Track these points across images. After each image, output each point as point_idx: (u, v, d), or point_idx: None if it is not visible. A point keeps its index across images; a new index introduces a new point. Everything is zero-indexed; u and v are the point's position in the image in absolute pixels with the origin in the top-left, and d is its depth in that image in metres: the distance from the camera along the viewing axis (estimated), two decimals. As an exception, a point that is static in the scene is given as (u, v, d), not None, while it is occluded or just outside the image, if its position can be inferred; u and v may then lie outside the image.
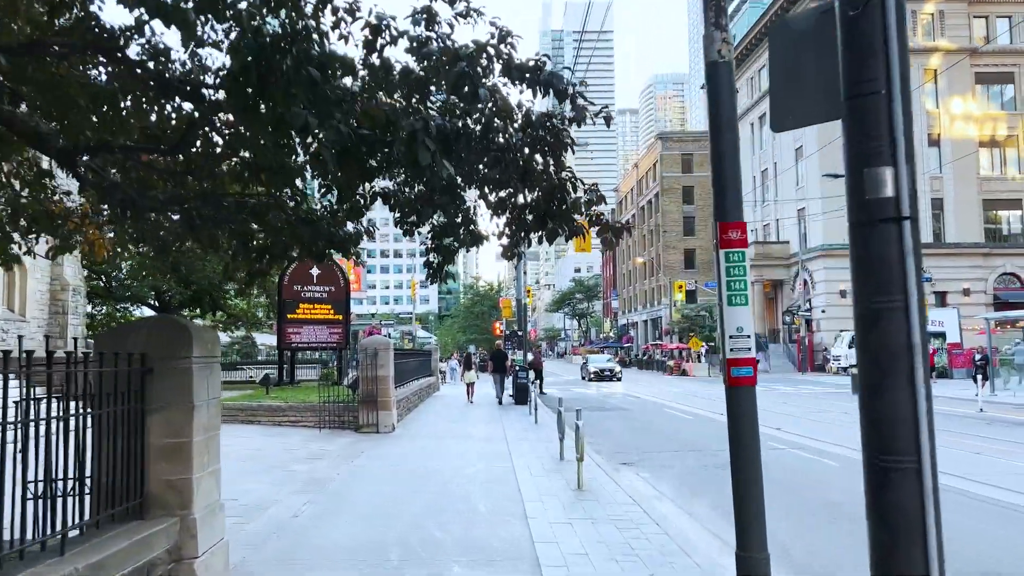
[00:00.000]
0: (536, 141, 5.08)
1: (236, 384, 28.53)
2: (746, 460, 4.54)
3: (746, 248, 4.63)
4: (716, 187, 4.66)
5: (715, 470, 11.55)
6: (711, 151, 4.77)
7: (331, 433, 15.84)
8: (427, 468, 11.22)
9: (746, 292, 4.61)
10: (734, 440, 4.59)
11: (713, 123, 4.70)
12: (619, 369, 44.16)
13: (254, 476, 10.60)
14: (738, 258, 4.60)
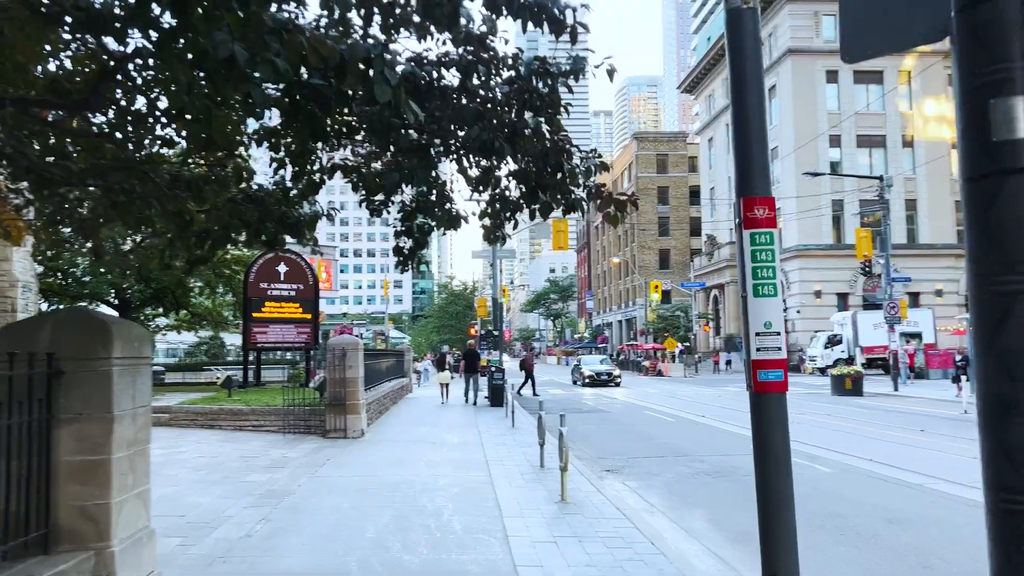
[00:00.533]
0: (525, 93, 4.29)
1: (201, 386, 27.41)
2: (776, 479, 3.81)
3: (775, 228, 3.88)
4: (739, 154, 3.91)
5: (705, 478, 10.85)
6: (732, 111, 4.02)
7: (296, 439, 14.91)
8: (397, 478, 10.37)
9: (775, 281, 3.86)
10: (761, 455, 3.84)
11: (736, 77, 3.95)
12: (617, 372, 37.58)
13: (206, 488, 9.69)
14: (766, 240, 3.85)
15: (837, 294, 50.15)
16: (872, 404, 24.10)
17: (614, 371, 37.16)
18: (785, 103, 51.95)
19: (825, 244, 50.30)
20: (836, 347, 43.02)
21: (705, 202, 69.08)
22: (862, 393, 27.36)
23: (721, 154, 64.81)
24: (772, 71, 53.64)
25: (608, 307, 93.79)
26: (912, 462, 11.76)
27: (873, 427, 17.27)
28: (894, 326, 29.06)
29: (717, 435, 16.30)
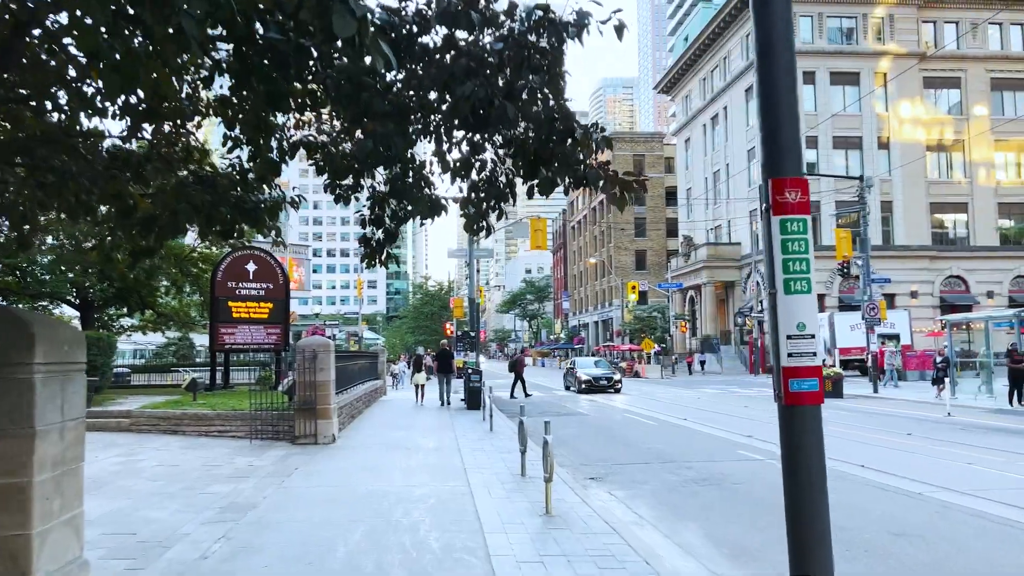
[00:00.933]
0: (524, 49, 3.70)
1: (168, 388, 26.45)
2: (812, 505, 3.26)
3: (808, 215, 3.35)
4: (766, 127, 3.38)
5: (694, 486, 10.35)
6: (758, 79, 3.49)
7: (263, 445, 14.20)
8: (370, 488, 9.74)
9: (809, 276, 3.33)
10: (793, 476, 3.30)
11: (763, 39, 3.43)
12: (618, 377, 32.40)
13: (162, 501, 8.99)
14: (798, 228, 3.32)
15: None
16: (853, 406, 23.84)
17: (614, 375, 32.29)
18: (762, 104, 51.90)
19: (801, 245, 50.25)
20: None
21: (682, 203, 69.03)
22: (842, 395, 27.14)
23: (698, 155, 64.76)
24: (749, 71, 53.62)
25: (584, 308, 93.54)
26: (906, 468, 11.36)
27: (859, 430, 16.93)
28: (873, 327, 28.90)
29: (700, 439, 15.85)
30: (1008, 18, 50.62)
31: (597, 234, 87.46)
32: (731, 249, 56.87)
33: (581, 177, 4.20)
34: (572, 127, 4.00)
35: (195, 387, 18.58)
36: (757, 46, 3.49)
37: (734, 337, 56.20)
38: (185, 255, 28.94)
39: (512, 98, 3.70)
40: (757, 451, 13.70)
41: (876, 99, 50.91)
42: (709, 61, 62.32)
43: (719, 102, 59.69)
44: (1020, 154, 52.06)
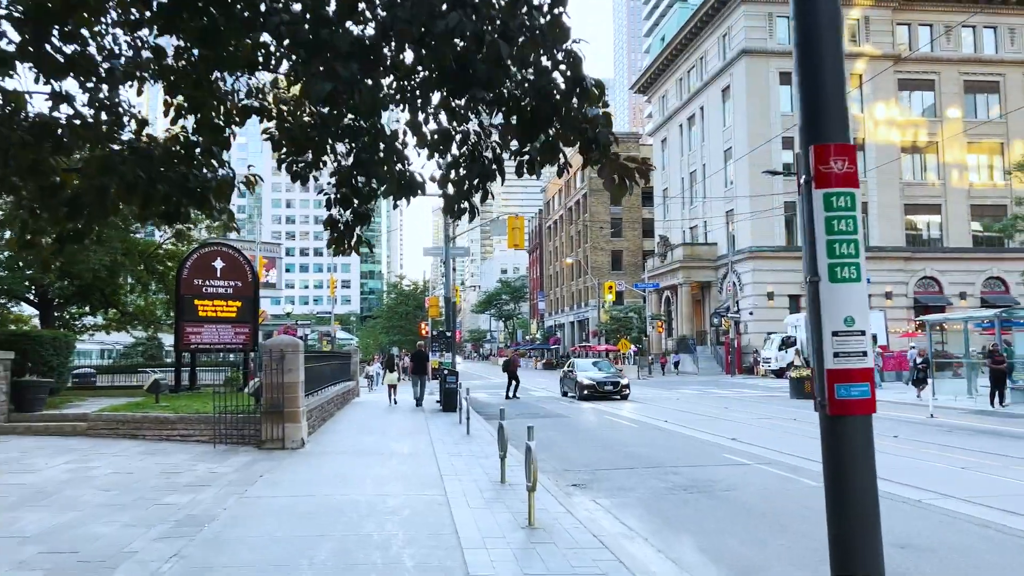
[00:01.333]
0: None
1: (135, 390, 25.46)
2: (863, 544, 2.71)
3: (857, 188, 2.81)
4: (807, 85, 2.84)
5: (683, 494, 9.84)
6: (796, 28, 2.94)
7: (228, 450, 13.47)
8: (340, 499, 9.10)
9: (858, 261, 2.80)
10: (840, 501, 2.76)
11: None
12: (625, 382, 28.01)
13: (112, 514, 8.28)
14: (845, 204, 2.78)
15: (789, 296, 50.15)
16: (834, 407, 23.58)
17: (621, 379, 27.87)
18: (739, 104, 51.85)
19: (778, 245, 50.27)
20: (790, 349, 42.87)
21: (658, 203, 68.88)
22: (821, 396, 26.90)
23: (675, 155, 64.60)
24: (726, 72, 53.54)
25: (560, 308, 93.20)
26: (900, 473, 10.94)
27: (843, 432, 16.56)
28: (852, 328, 28.68)
29: (684, 442, 15.38)
30: (981, 21, 51.01)
31: (573, 234, 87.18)
32: (707, 249, 56.75)
33: (590, 140, 3.60)
34: (580, 75, 3.40)
35: (157, 388, 17.73)
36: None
37: (710, 338, 56.09)
38: (151, 252, 27.99)
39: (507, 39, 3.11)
40: (743, 455, 13.24)
41: (852, 100, 51.01)
42: (686, 61, 62.21)
43: (696, 102, 59.58)
44: (992, 156, 52.52)
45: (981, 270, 51.17)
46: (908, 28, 52.39)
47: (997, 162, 52.40)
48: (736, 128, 52.28)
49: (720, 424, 18.52)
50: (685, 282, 56.60)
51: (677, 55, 63.08)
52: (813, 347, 2.87)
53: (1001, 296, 49.78)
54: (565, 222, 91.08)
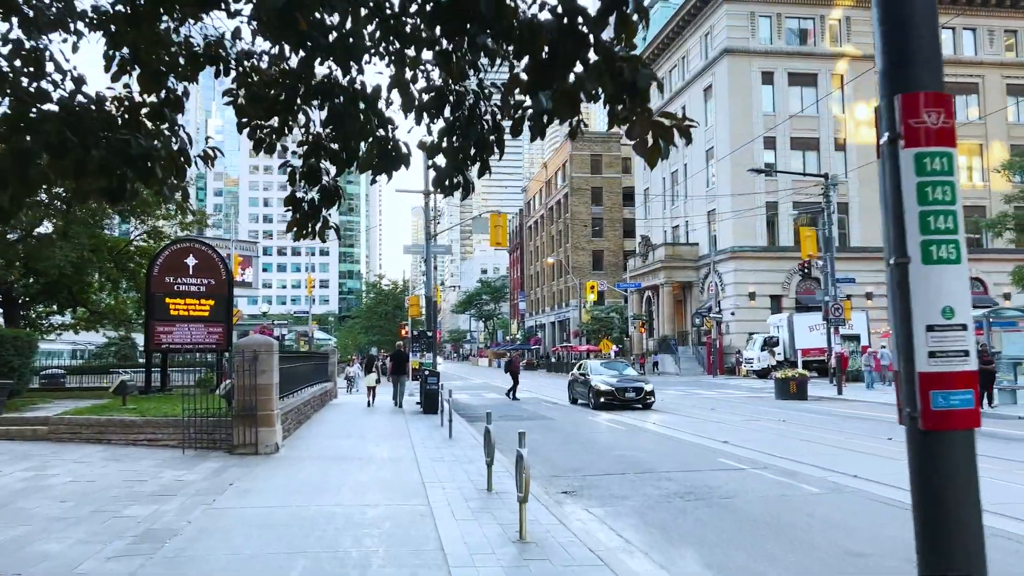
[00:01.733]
0: None
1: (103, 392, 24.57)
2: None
3: (955, 148, 2.27)
4: (890, 17, 2.29)
5: (680, 502, 9.31)
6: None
7: (197, 456, 12.76)
8: (315, 509, 8.46)
9: (957, 238, 2.29)
10: (937, 538, 2.21)
11: None
12: (650, 387, 23.44)
13: (67, 528, 7.60)
14: (943, 167, 2.25)
15: (771, 296, 50.04)
16: (821, 408, 23.26)
17: (644, 384, 23.44)
18: (721, 103, 51.66)
19: (759, 246, 50.14)
20: (773, 349, 42.69)
21: (639, 203, 68.61)
22: (807, 397, 26.62)
23: (656, 155, 64.31)
24: (708, 71, 53.34)
25: (541, 308, 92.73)
26: (901, 478, 10.43)
27: (836, 435, 16.19)
28: (838, 328, 28.45)
29: (674, 445, 14.88)
30: (961, 23, 51.21)
31: (554, 233, 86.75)
32: (689, 250, 56.53)
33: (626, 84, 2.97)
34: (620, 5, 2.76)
35: (124, 390, 16.94)
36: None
37: (691, 338, 55.87)
38: (121, 248, 27.10)
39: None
40: (737, 459, 12.76)
41: (833, 101, 51.06)
42: (667, 61, 61.98)
43: (678, 101, 59.31)
44: (971, 158, 52.72)
45: (960, 271, 51.32)
46: (889, 29, 52.46)
47: (976, 163, 52.64)
48: (718, 128, 52.08)
49: (709, 426, 18.07)
50: (667, 282, 56.33)
51: (659, 55, 62.81)
52: (899, 346, 2.32)
53: (980, 297, 49.98)
54: (546, 221, 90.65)
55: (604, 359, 36.80)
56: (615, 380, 23.91)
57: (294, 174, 3.62)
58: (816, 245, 31.47)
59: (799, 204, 50.19)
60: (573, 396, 26.21)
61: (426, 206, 24.95)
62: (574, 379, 26.44)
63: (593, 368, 25.48)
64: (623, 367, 26.82)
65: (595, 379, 24.09)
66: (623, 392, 23.05)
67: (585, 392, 24.53)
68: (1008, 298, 49.62)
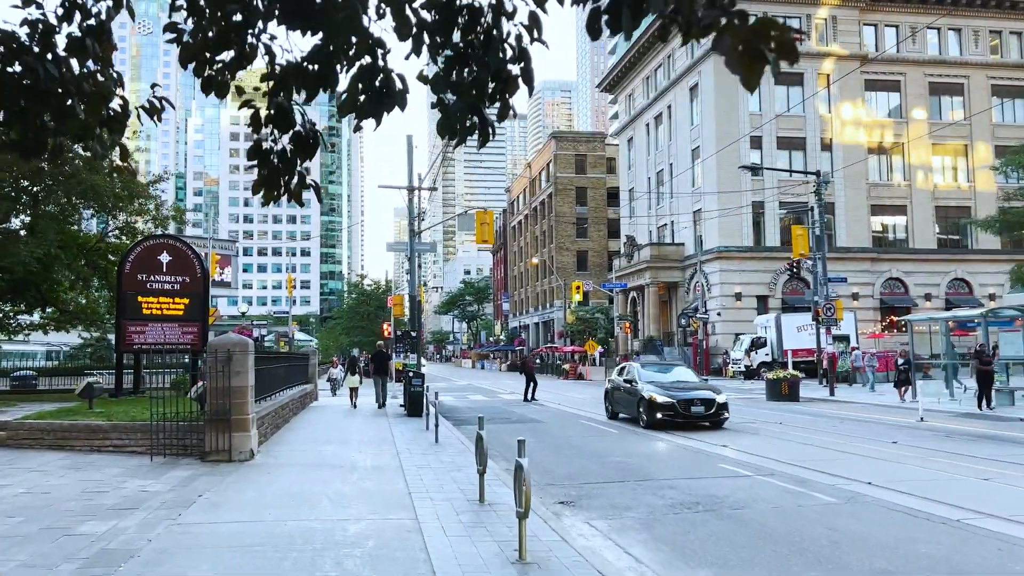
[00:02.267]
0: None
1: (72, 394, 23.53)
2: None
3: None
4: None
5: (687, 513, 8.64)
6: None
7: (167, 463, 11.93)
8: (291, 526, 7.69)
9: None
10: None
11: None
12: (722, 399, 18.00)
13: (11, 548, 6.78)
14: None
15: (757, 296, 49.68)
16: (815, 410, 22.74)
17: (715, 395, 17.88)
18: (707, 103, 51.23)
19: (745, 246, 49.77)
20: (760, 350, 42.28)
21: (624, 203, 68.12)
22: (799, 398, 26.11)
23: (641, 154, 63.89)
24: (693, 70, 52.91)
25: (525, 309, 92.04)
26: (921, 486, 9.90)
27: (837, 438, 15.60)
28: (830, 328, 27.99)
29: (672, 450, 14.23)
30: (947, 23, 51.17)
31: (538, 234, 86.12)
32: (674, 250, 56.08)
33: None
34: None
35: (91, 393, 16.01)
36: None
37: (677, 338, 55.37)
38: (92, 245, 26.10)
39: None
40: (739, 464, 12.12)
41: (819, 100, 50.81)
42: (653, 59, 61.53)
43: (663, 101, 58.90)
44: (956, 158, 52.74)
45: (946, 271, 51.29)
46: (875, 29, 52.35)
47: (961, 164, 52.64)
48: (704, 127, 51.67)
49: (703, 429, 17.43)
50: (652, 282, 55.84)
51: (644, 53, 62.35)
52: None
53: (965, 298, 49.96)
54: (530, 222, 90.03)
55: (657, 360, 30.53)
56: (673, 388, 18.27)
57: (258, 116, 2.89)
58: (807, 244, 30.99)
59: (785, 204, 49.89)
60: (613, 410, 20.56)
61: (410, 201, 24.18)
62: (614, 387, 20.68)
63: (641, 372, 19.68)
64: (683, 371, 20.96)
65: (646, 388, 18.24)
66: (688, 405, 17.33)
67: (632, 405, 18.81)
68: (993, 298, 49.62)
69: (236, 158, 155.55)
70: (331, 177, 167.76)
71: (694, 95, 53.70)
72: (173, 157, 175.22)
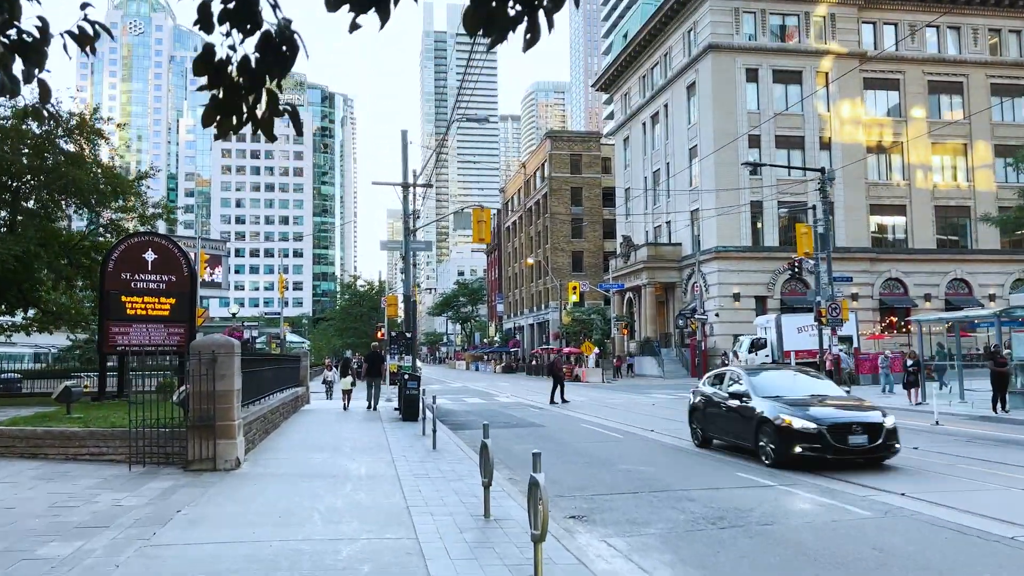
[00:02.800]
0: None
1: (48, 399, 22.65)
2: None
3: None
4: None
5: (714, 530, 7.89)
6: None
7: (145, 473, 11.13)
8: (276, 547, 6.92)
9: None
10: None
11: None
12: (890, 422, 11.70)
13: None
14: None
15: (755, 297, 49.04)
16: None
17: (882, 417, 11.81)
18: (704, 101, 50.60)
19: (744, 246, 49.15)
20: (760, 351, 41.61)
21: (620, 203, 67.44)
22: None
23: (637, 153, 63.22)
24: (691, 68, 52.29)
25: (519, 311, 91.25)
26: (956, 497, 9.19)
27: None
28: (836, 329, 27.33)
29: (683, 457, 13.50)
30: (945, 21, 50.69)
31: (533, 235, 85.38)
32: (672, 250, 55.44)
33: None
34: None
35: (69, 397, 15.17)
36: None
37: (674, 340, 54.71)
38: (74, 243, 25.22)
39: None
40: (759, 472, 11.38)
41: (818, 99, 50.26)
42: (649, 58, 60.91)
43: (660, 99, 58.27)
44: (956, 157, 52.26)
45: (945, 272, 50.77)
46: (873, 27, 51.84)
47: (960, 163, 52.17)
48: (702, 125, 51.04)
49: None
50: (649, 283, 55.17)
51: (641, 51, 61.74)
52: None
53: (965, 298, 49.47)
54: (524, 222, 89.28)
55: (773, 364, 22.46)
56: (811, 406, 12.05)
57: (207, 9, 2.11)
58: (812, 242, 30.34)
59: (784, 203, 49.32)
60: (705, 434, 14.39)
61: (404, 198, 23.39)
62: (705, 401, 14.35)
63: (756, 382, 13.18)
64: (808, 378, 14.12)
65: (770, 405, 12.12)
66: (843, 434, 11.33)
67: (744, 429, 12.69)
68: (993, 299, 49.16)
69: (228, 158, 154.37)
70: (324, 178, 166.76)
71: (691, 93, 53.07)
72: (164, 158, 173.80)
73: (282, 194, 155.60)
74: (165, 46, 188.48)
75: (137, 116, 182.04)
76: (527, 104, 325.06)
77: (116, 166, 26.53)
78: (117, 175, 24.95)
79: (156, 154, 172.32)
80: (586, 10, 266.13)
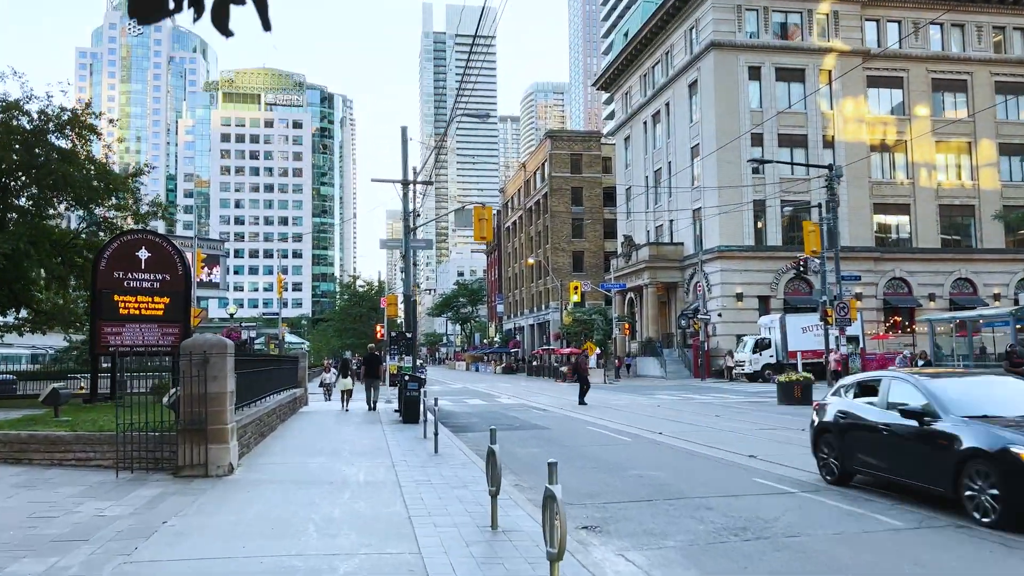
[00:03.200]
0: None
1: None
2: None
3: None
4: None
5: (738, 542, 7.35)
6: None
7: (133, 479, 10.60)
8: (269, 563, 6.38)
9: None
10: None
11: None
12: None
13: (-85, 600, 5.46)
14: None
15: (758, 296, 48.52)
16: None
17: None
18: (707, 99, 50.11)
19: (747, 245, 48.63)
20: (764, 351, 41.10)
21: (621, 202, 66.92)
22: (811, 402, 24.87)
23: (638, 152, 62.71)
24: (693, 66, 51.79)
25: (520, 311, 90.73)
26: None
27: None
28: (844, 329, 26.83)
29: (697, 462, 12.98)
30: (949, 19, 50.22)
31: (533, 234, 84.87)
32: (673, 249, 54.91)
33: None
34: None
35: (56, 399, 14.64)
36: None
37: (676, 340, 54.19)
38: (67, 241, 24.66)
39: None
40: (777, 478, 10.86)
41: (821, 97, 49.77)
42: (651, 56, 60.42)
43: (661, 98, 57.77)
44: (960, 156, 51.76)
45: (950, 271, 50.25)
46: (877, 24, 51.34)
47: (965, 161, 51.67)
48: (704, 124, 50.54)
49: (723, 437, 16.22)
50: (651, 283, 54.65)
51: (641, 50, 61.24)
52: None
53: (970, 298, 48.95)
54: (525, 223, 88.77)
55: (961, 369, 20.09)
56: None
57: None
58: (819, 241, 29.83)
59: (787, 203, 48.86)
60: (845, 465, 10.09)
61: (404, 196, 22.87)
62: (849, 420, 10.12)
63: (942, 395, 8.77)
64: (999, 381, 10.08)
65: (975, 431, 7.97)
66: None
67: (931, 464, 8.48)
68: (998, 298, 48.69)
69: (227, 159, 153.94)
70: (323, 179, 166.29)
71: (693, 92, 52.57)
72: (164, 159, 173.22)
73: (281, 194, 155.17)
74: (164, 47, 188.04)
75: (136, 117, 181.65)
76: (526, 105, 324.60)
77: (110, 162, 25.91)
78: (110, 171, 24.40)
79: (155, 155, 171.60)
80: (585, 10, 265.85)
